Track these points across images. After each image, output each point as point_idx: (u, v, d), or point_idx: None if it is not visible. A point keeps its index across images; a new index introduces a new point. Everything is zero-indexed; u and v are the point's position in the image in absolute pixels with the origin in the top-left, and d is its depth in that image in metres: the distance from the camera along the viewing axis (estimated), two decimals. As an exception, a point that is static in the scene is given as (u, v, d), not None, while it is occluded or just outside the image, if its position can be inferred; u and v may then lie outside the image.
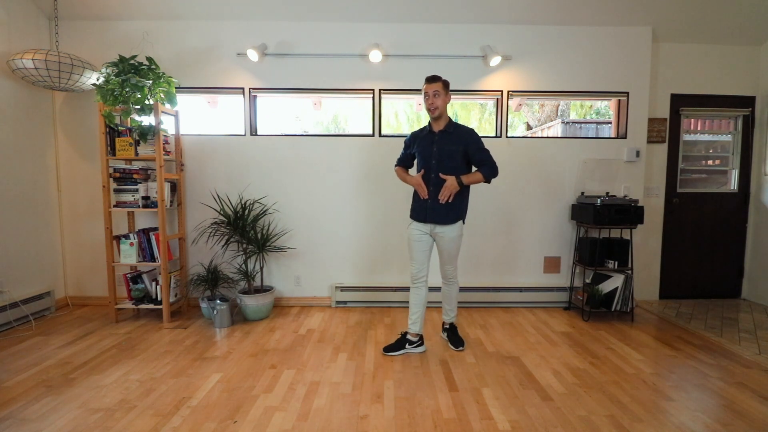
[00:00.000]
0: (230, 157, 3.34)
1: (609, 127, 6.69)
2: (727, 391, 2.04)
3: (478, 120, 9.56)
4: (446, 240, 2.38)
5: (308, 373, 2.21)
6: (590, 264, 3.14)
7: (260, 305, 3.05)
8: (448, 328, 2.65)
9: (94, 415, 1.80)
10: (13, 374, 2.17)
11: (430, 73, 3.27)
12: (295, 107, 7.49)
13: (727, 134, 3.73)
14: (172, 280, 3.07)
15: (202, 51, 3.27)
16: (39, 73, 2.73)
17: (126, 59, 2.81)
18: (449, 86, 2.36)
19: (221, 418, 1.78)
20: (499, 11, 3.17)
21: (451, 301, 2.59)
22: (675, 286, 3.72)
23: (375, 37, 3.26)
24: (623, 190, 3.42)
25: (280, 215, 3.40)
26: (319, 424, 1.75)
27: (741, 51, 3.53)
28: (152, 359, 2.37)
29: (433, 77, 2.31)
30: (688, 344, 2.66)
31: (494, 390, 2.04)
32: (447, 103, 2.36)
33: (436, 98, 2.30)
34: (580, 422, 1.76)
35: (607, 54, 3.33)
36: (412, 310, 2.47)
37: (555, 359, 2.40)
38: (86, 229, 3.38)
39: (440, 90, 2.29)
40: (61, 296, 3.37)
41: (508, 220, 3.43)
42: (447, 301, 2.60)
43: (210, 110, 3.52)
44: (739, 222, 3.71)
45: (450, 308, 2.61)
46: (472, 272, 3.46)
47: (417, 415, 1.81)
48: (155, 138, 2.88)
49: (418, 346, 2.50)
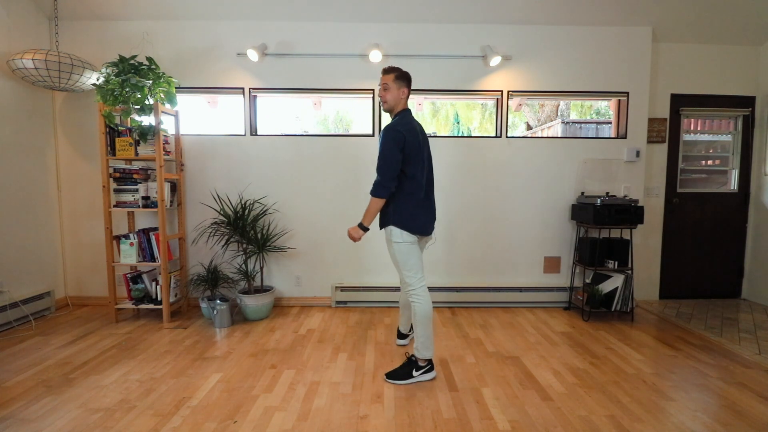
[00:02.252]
0: (230, 157, 3.34)
1: (609, 127, 6.69)
2: (727, 391, 2.04)
3: (478, 120, 9.57)
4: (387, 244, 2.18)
5: (308, 373, 2.21)
6: (590, 264, 3.14)
7: (260, 305, 3.05)
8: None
9: (94, 415, 1.80)
10: (13, 374, 2.17)
11: (430, 72, 3.32)
12: (295, 107, 7.49)
13: (727, 134, 3.73)
14: (172, 280, 3.07)
15: (202, 51, 3.27)
16: (39, 73, 2.73)
17: (126, 59, 2.81)
18: (407, 79, 2.13)
19: (221, 418, 1.78)
20: (499, 11, 3.17)
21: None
22: (675, 286, 3.72)
23: (375, 37, 3.26)
24: (623, 190, 3.42)
25: (280, 215, 3.40)
26: (319, 424, 1.75)
27: (741, 51, 3.53)
28: (152, 359, 2.37)
29: (386, 68, 2.13)
30: (688, 344, 2.66)
31: (494, 390, 2.04)
32: (400, 98, 2.12)
33: (386, 92, 2.11)
34: (580, 422, 1.76)
35: (607, 54, 3.33)
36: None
37: (555, 359, 2.40)
38: (86, 229, 3.38)
39: (390, 82, 2.09)
40: (61, 296, 3.37)
41: (508, 219, 3.43)
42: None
43: (210, 110, 3.52)
44: (739, 222, 3.71)
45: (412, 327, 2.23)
46: (472, 272, 3.46)
47: (417, 415, 1.81)
48: (155, 138, 2.88)
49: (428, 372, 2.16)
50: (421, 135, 2.12)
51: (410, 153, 2.03)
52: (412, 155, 2.04)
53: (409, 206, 2.08)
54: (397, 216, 2.08)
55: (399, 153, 2.01)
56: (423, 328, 2.09)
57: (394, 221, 2.08)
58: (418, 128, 2.12)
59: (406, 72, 2.15)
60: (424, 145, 2.14)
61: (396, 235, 2.07)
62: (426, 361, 2.13)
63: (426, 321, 2.08)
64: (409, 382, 2.11)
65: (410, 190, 2.08)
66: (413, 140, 2.04)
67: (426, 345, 2.10)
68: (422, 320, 2.08)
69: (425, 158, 2.14)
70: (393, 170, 2.01)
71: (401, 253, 2.08)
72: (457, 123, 9.71)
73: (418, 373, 2.12)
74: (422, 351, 2.10)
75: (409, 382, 2.10)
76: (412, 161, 2.05)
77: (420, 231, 2.12)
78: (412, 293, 2.10)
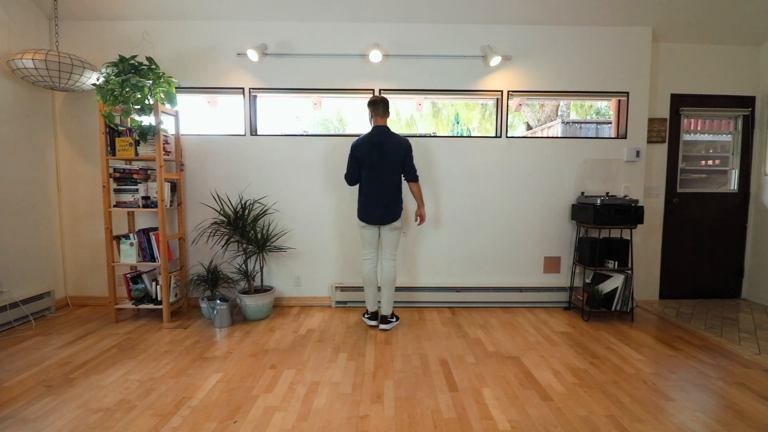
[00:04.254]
0: (230, 157, 3.35)
1: (609, 127, 6.69)
2: (727, 391, 2.04)
3: (478, 120, 9.56)
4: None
5: (308, 373, 2.21)
6: (590, 264, 3.14)
7: (260, 305, 3.05)
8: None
9: (94, 415, 1.80)
10: (13, 374, 2.17)
11: (429, 72, 3.32)
12: (295, 107, 7.49)
13: (727, 134, 3.73)
14: (172, 280, 3.07)
15: (202, 51, 3.27)
16: (39, 73, 2.73)
17: (126, 59, 2.81)
18: (375, 104, 2.79)
19: (221, 418, 1.78)
20: (499, 11, 3.17)
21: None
22: (675, 286, 3.72)
23: (375, 37, 3.26)
24: (623, 190, 3.42)
25: (280, 215, 3.40)
26: (319, 424, 1.75)
27: (741, 51, 3.53)
28: (152, 359, 2.37)
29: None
30: (688, 344, 2.66)
31: (494, 390, 2.04)
32: (371, 118, 2.86)
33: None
34: (580, 422, 1.76)
35: (607, 54, 3.33)
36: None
37: (555, 359, 2.40)
38: (86, 229, 3.38)
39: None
40: (61, 296, 3.37)
41: (508, 220, 3.43)
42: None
43: (210, 110, 3.52)
44: (739, 222, 3.71)
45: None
46: (472, 272, 3.46)
47: (417, 415, 1.81)
48: (155, 138, 2.88)
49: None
50: (363, 145, 2.79)
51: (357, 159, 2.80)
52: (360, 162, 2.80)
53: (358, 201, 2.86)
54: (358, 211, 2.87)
55: (349, 162, 2.84)
56: (388, 290, 2.89)
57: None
58: (364, 140, 2.79)
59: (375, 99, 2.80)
60: (365, 154, 2.79)
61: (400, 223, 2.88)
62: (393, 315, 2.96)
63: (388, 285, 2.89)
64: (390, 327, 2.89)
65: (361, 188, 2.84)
66: (359, 152, 2.79)
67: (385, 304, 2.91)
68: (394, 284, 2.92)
69: (367, 165, 2.80)
70: (348, 173, 2.87)
71: (397, 239, 2.89)
72: (457, 123, 9.71)
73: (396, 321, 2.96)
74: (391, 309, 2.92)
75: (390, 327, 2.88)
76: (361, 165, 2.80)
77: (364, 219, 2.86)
78: (394, 266, 2.89)
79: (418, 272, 3.45)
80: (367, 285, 2.89)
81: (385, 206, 2.76)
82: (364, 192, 2.79)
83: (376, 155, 2.71)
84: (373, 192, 2.75)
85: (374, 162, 2.72)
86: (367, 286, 2.89)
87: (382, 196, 2.75)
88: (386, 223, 2.79)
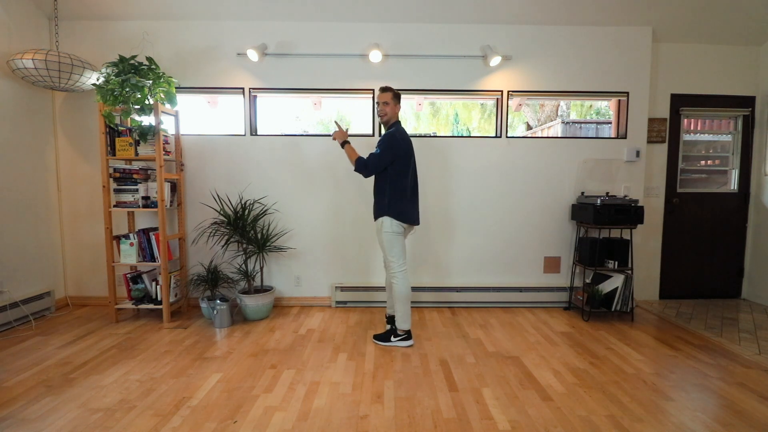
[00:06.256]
0: (230, 157, 3.34)
1: (609, 127, 6.69)
2: (727, 391, 2.04)
3: (477, 120, 9.56)
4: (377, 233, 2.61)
5: (308, 373, 2.21)
6: (590, 264, 3.14)
7: (260, 305, 3.05)
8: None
9: (94, 415, 1.80)
10: (13, 374, 2.17)
11: (429, 72, 3.32)
12: (295, 107, 7.49)
13: (727, 134, 3.73)
14: (172, 280, 3.07)
15: (202, 51, 3.27)
16: (39, 73, 2.73)
17: (126, 59, 2.81)
18: (400, 98, 2.62)
19: (221, 418, 1.78)
20: (499, 11, 3.17)
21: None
22: (675, 286, 3.72)
23: (375, 37, 3.26)
24: (623, 190, 3.42)
25: (280, 215, 3.40)
26: (319, 424, 1.75)
27: (741, 51, 3.53)
28: (152, 359, 2.37)
29: (384, 88, 2.58)
30: (688, 344, 2.66)
31: (494, 390, 2.04)
32: (396, 112, 2.60)
33: (386, 106, 2.56)
34: (580, 422, 1.76)
35: (607, 54, 3.33)
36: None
37: (555, 359, 2.40)
38: (86, 229, 3.38)
39: (389, 100, 2.55)
40: (61, 296, 3.37)
41: (507, 220, 3.43)
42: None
43: (210, 110, 3.52)
44: (739, 222, 3.71)
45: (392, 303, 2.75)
46: (472, 272, 3.46)
47: (417, 415, 1.81)
48: (155, 138, 2.88)
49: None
50: (410, 143, 2.58)
51: (402, 157, 2.50)
52: (403, 159, 2.51)
53: (400, 202, 2.52)
54: (391, 209, 2.51)
55: (391, 156, 2.47)
56: (402, 305, 2.55)
57: (388, 212, 2.51)
58: (408, 138, 2.58)
59: (399, 92, 2.64)
60: (411, 152, 2.60)
61: (387, 225, 2.51)
62: (404, 332, 2.59)
63: (404, 299, 2.54)
64: (388, 344, 2.59)
65: (401, 188, 2.51)
66: (408, 148, 2.55)
67: (404, 319, 2.56)
68: (401, 298, 2.54)
69: (412, 162, 2.60)
70: (381, 167, 2.50)
71: (389, 241, 2.52)
72: (456, 123, 9.71)
73: (396, 339, 2.58)
74: (401, 323, 2.57)
75: (388, 345, 2.58)
76: (402, 163, 2.51)
77: (408, 221, 2.56)
78: (393, 275, 2.55)
79: (417, 272, 3.45)
80: (409, 299, 2.57)
81: (418, 205, 2.68)
82: (407, 192, 2.53)
83: (412, 151, 2.61)
84: (414, 191, 2.61)
85: (413, 159, 2.61)
86: (409, 300, 2.57)
87: (416, 194, 2.65)
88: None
